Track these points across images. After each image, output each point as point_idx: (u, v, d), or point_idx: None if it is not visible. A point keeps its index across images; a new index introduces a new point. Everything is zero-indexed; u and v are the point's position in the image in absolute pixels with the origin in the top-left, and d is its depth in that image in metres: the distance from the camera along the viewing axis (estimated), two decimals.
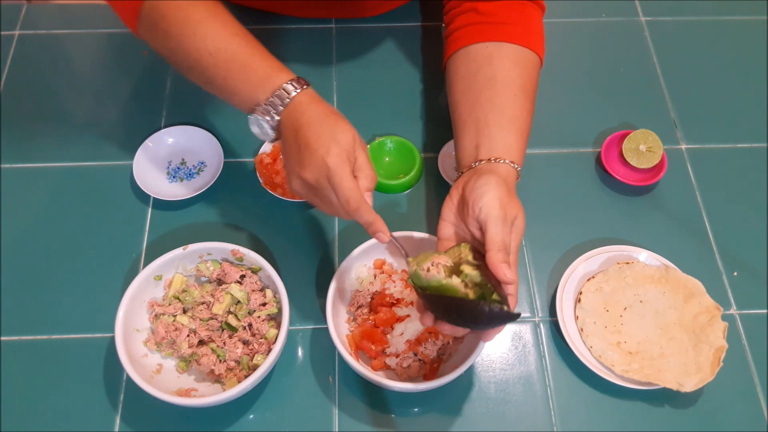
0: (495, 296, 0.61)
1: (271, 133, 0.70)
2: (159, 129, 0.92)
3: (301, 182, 0.67)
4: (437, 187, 0.91)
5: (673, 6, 1.11)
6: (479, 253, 0.66)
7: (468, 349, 0.74)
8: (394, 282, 0.79)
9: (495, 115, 0.74)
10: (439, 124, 0.96)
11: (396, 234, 0.79)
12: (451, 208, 0.71)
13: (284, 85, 0.68)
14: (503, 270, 0.62)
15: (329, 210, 0.68)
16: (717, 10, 1.11)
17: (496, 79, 0.76)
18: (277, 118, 0.68)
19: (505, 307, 0.59)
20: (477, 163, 0.72)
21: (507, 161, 0.71)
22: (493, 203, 0.65)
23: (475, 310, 0.59)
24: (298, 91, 0.68)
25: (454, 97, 0.80)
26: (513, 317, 0.59)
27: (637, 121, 0.97)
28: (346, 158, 0.64)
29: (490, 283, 0.61)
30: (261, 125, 0.69)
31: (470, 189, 0.68)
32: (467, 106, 0.77)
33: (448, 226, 0.71)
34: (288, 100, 0.67)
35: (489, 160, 0.71)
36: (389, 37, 1.05)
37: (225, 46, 0.70)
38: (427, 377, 0.74)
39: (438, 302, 0.63)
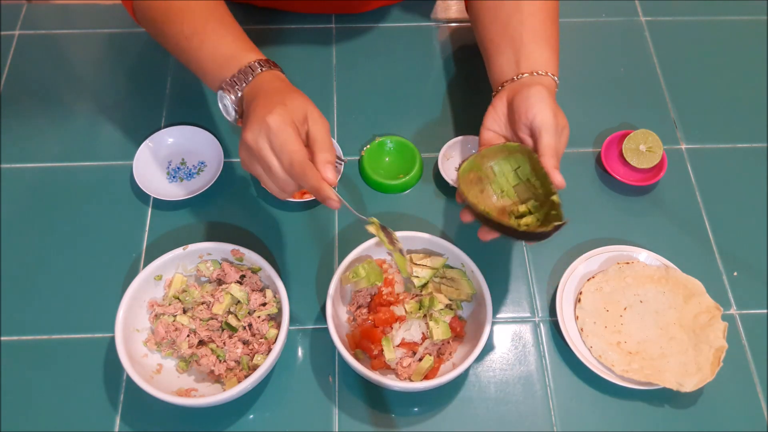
0: (554, 212, 0.69)
1: (233, 112, 0.71)
2: (159, 129, 0.92)
3: (242, 147, 0.65)
4: (437, 187, 0.91)
5: (673, 6, 1.11)
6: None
7: (468, 348, 0.74)
8: (393, 283, 0.79)
9: (529, 34, 0.78)
10: (439, 124, 0.96)
11: (398, 234, 0.79)
12: (495, 118, 0.76)
13: (250, 63, 0.70)
14: (557, 176, 0.69)
15: (273, 183, 0.65)
16: (717, 10, 1.11)
17: (522, 7, 0.80)
18: (240, 94, 0.69)
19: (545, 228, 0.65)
20: (520, 76, 0.75)
21: (549, 74, 0.76)
22: (546, 112, 0.70)
23: (520, 234, 0.67)
24: (263, 69, 0.69)
25: (482, 24, 0.84)
26: (545, 234, 0.66)
27: (637, 121, 0.97)
28: (291, 121, 0.62)
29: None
30: (225, 103, 0.71)
31: (521, 99, 0.72)
32: (498, 30, 0.81)
33: (490, 134, 0.76)
34: (251, 77, 0.69)
35: (532, 73, 0.75)
36: (389, 37, 1.05)
37: (199, 30, 0.73)
38: (427, 377, 0.74)
39: (486, 221, 0.68)
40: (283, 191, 0.65)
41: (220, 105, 0.72)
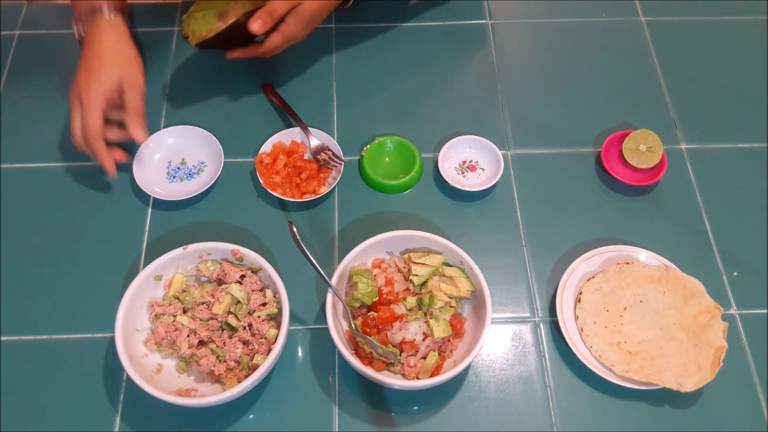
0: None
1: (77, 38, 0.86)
2: (159, 129, 0.92)
3: (72, 91, 0.80)
4: (437, 187, 0.91)
5: (673, 6, 1.11)
6: None
7: (468, 346, 0.74)
8: (392, 282, 0.79)
9: None
10: (439, 124, 0.96)
11: (396, 233, 0.79)
12: None
13: (94, 6, 0.80)
14: None
15: (77, 128, 0.80)
16: (717, 10, 1.11)
17: None
18: (81, 33, 0.84)
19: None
20: None
21: None
22: None
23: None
24: (106, 15, 0.80)
25: None
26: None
27: (637, 121, 0.97)
28: (101, 96, 0.77)
29: None
30: (73, 29, 0.85)
31: None
32: None
33: None
34: (91, 20, 0.80)
35: None
36: (389, 37, 1.05)
37: None
38: (432, 374, 0.74)
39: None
40: (78, 141, 0.80)
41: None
